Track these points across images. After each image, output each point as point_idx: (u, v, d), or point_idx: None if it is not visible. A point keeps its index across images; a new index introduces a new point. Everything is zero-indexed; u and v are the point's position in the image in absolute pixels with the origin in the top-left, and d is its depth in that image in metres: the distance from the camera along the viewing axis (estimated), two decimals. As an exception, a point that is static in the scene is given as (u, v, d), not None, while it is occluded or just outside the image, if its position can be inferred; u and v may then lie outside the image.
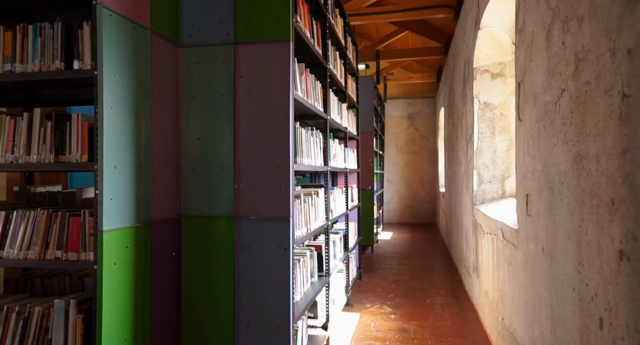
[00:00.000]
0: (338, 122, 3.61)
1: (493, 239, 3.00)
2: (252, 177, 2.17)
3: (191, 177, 2.22)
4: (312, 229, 2.65)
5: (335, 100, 3.56)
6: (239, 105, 2.19)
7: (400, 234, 8.74)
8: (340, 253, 3.84)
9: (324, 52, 3.10)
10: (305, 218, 2.53)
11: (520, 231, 2.23)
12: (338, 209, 3.68)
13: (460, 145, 5.04)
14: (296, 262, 2.52)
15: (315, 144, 2.79)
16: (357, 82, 5.09)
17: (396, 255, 6.57)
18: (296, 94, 2.26)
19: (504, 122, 3.77)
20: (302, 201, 2.45)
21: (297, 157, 2.33)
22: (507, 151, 3.75)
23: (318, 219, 2.86)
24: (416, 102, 10.59)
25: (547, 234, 1.75)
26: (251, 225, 2.16)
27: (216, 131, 2.21)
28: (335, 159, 3.53)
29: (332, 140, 3.45)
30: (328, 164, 3.11)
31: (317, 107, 2.86)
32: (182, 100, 2.23)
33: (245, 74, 2.18)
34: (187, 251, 2.21)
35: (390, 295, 4.35)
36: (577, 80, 1.43)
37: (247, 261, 2.16)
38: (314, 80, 2.82)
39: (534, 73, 1.96)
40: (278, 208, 2.13)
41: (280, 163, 2.14)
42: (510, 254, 2.45)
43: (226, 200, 2.19)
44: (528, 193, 2.07)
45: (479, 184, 3.89)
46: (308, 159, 2.56)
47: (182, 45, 2.23)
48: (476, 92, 3.90)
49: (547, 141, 1.77)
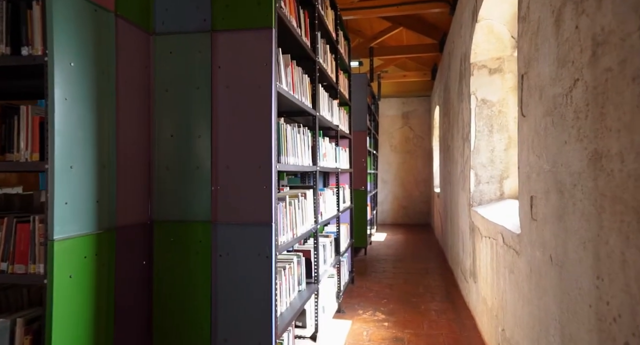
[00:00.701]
0: (328, 120, 3.43)
1: (492, 244, 2.82)
2: (230, 178, 1.97)
3: (164, 178, 2.02)
4: (298, 233, 2.46)
5: (325, 97, 3.37)
6: (216, 98, 1.99)
7: (395, 235, 8.57)
8: (331, 257, 3.65)
9: (312, 44, 2.91)
10: (290, 222, 2.34)
11: (523, 236, 2.05)
12: (328, 211, 3.49)
13: (456, 144, 4.87)
14: (281, 270, 2.33)
15: (302, 142, 2.60)
16: (350, 79, 4.91)
17: (390, 257, 6.39)
18: (280, 87, 2.07)
19: (502, 119, 3.60)
20: (287, 204, 2.26)
21: (282, 156, 2.14)
22: (506, 150, 3.58)
23: (306, 223, 2.67)
24: (411, 101, 10.43)
25: (557, 242, 1.57)
26: (230, 231, 1.96)
27: (191, 127, 2.01)
28: (326, 159, 3.34)
29: (322, 139, 3.26)
30: (317, 164, 2.92)
31: (305, 102, 2.67)
32: (154, 93, 2.03)
33: (224, 65, 1.98)
34: (160, 260, 2.01)
35: (383, 301, 4.17)
36: (595, 67, 1.25)
37: (225, 270, 1.96)
38: (302, 74, 2.63)
39: (540, 64, 1.78)
40: (259, 212, 1.94)
41: (261, 162, 1.94)
42: (512, 261, 2.27)
43: (202, 204, 1.99)
44: (533, 195, 1.89)
45: (476, 184, 3.72)
46: (294, 158, 2.37)
47: (154, 32, 2.03)
48: (473, 89, 3.73)
49: (556, 138, 1.59)
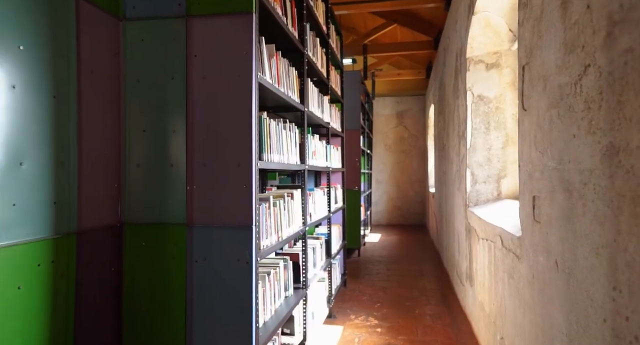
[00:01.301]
0: (318, 116, 3.27)
1: (490, 246, 2.68)
2: (207, 177, 1.81)
3: (135, 177, 1.86)
4: (284, 236, 2.30)
5: (315, 92, 3.21)
6: (192, 90, 1.82)
7: (389, 236, 8.42)
8: (322, 260, 3.50)
9: (300, 35, 2.75)
10: (275, 224, 2.17)
11: (524, 239, 1.90)
12: (319, 212, 3.33)
13: (452, 143, 4.73)
14: (265, 275, 2.17)
15: (289, 139, 2.44)
16: (342, 76, 4.75)
17: (384, 259, 6.24)
18: (262, 78, 1.91)
19: (499, 116, 3.46)
20: (270, 205, 2.10)
21: (264, 153, 1.98)
22: (504, 148, 3.44)
23: (293, 225, 2.51)
24: (405, 100, 10.30)
25: (564, 247, 1.42)
26: (207, 234, 1.80)
27: (165, 121, 1.84)
28: (315, 157, 3.18)
29: (312, 136, 3.10)
30: (306, 162, 2.76)
31: (292, 97, 2.51)
32: (125, 83, 1.86)
33: (200, 53, 1.82)
34: (131, 266, 1.84)
35: (376, 305, 4.02)
36: (611, 50, 1.10)
37: (202, 277, 1.80)
38: (288, 66, 2.47)
39: (544, 51, 1.63)
40: (238, 214, 1.78)
41: (241, 160, 1.78)
42: (512, 265, 2.12)
43: (177, 205, 1.82)
44: (535, 195, 1.74)
45: (473, 184, 3.57)
46: (279, 155, 2.21)
47: (124, 17, 1.87)
48: (469, 85, 3.58)
49: (563, 132, 1.44)
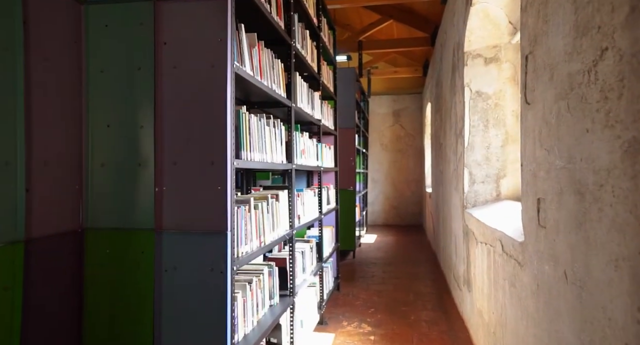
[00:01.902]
0: (308, 113, 3.10)
1: (489, 251, 2.51)
2: (178, 177, 1.64)
3: (99, 177, 1.68)
4: (267, 241, 2.13)
5: (304, 87, 3.04)
6: (162, 81, 1.65)
7: (385, 237, 8.26)
8: (312, 265, 3.32)
9: (287, 26, 2.58)
10: (257, 229, 2.00)
11: (527, 245, 1.74)
12: (308, 214, 3.16)
13: (449, 141, 4.57)
14: (246, 284, 2.00)
15: (273, 136, 2.26)
16: (335, 72, 4.58)
17: (380, 261, 6.07)
18: (240, 69, 1.73)
19: (499, 113, 3.29)
20: (251, 208, 1.93)
21: (243, 151, 1.81)
22: (503, 147, 3.28)
23: (278, 228, 2.33)
24: (402, 98, 10.13)
25: (574, 256, 1.26)
26: (177, 240, 1.63)
27: (132, 116, 1.67)
28: (305, 156, 3.01)
29: (300, 134, 2.93)
30: (293, 161, 2.59)
31: (277, 90, 2.33)
32: (87, 74, 1.68)
33: (170, 40, 1.65)
34: (93, 277, 1.66)
35: (370, 310, 3.85)
36: (636, 28, 0.93)
37: (171, 289, 1.62)
38: (272, 58, 2.30)
39: (551, 37, 1.46)
40: (212, 218, 1.60)
41: (215, 158, 1.61)
42: (513, 273, 1.96)
43: (145, 208, 1.65)
44: (540, 197, 1.57)
45: (471, 184, 3.41)
46: (261, 153, 2.03)
47: (86, 1, 1.69)
48: (467, 80, 3.42)
49: (573, 126, 1.27)
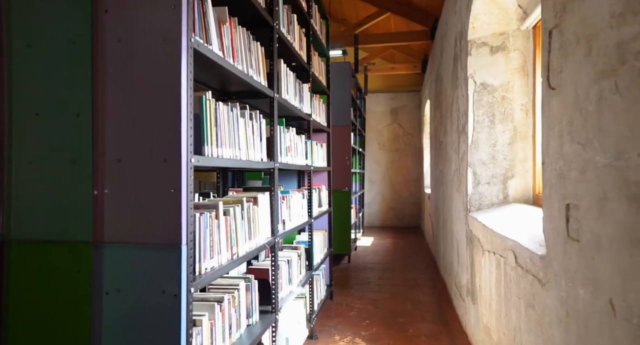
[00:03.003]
0: (295, 106, 2.78)
1: (499, 262, 2.20)
2: (123, 177, 1.32)
3: (25, 177, 1.37)
4: (242, 252, 1.81)
5: (291, 77, 2.72)
6: (102, 58, 1.34)
7: (383, 240, 7.95)
8: (301, 274, 3.01)
9: (268, 5, 2.26)
10: (228, 238, 1.69)
11: (551, 261, 1.43)
12: (296, 219, 2.85)
13: (450, 139, 4.26)
14: (214, 305, 1.69)
15: (250, 129, 1.95)
16: (328, 65, 4.27)
17: (376, 265, 5.77)
18: (201, 45, 1.42)
19: (506, 107, 2.99)
20: (219, 214, 1.61)
21: (207, 146, 1.49)
22: (511, 144, 2.97)
23: (257, 236, 2.02)
24: (400, 96, 9.83)
25: (626, 283, 0.95)
26: (121, 256, 1.31)
27: (65, 101, 1.35)
28: (291, 154, 2.70)
29: (286, 129, 2.62)
30: (275, 159, 2.28)
31: (255, 77, 2.02)
32: (9, 49, 1.37)
33: (113, 8, 1.33)
34: (15, 299, 1.35)
35: (365, 322, 3.54)
36: None
37: (113, 315, 1.31)
38: (249, 39, 1.99)
39: (588, 2, 1.16)
40: (164, 228, 1.29)
41: (168, 154, 1.30)
42: (532, 292, 1.65)
43: (81, 216, 1.34)
44: (571, 203, 1.27)
45: (475, 185, 3.10)
46: (232, 149, 1.72)
47: (9, -40, 1.37)
48: (471, 71, 3.11)
49: (625, 112, 0.96)
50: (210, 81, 2.05)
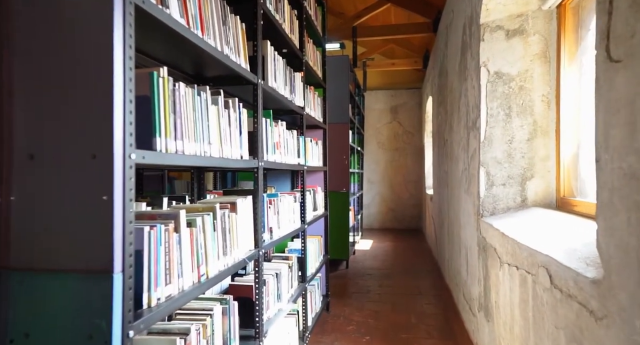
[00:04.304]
0: (285, 97, 2.43)
1: (524, 279, 1.86)
2: (36, 180, 0.97)
3: None
4: (213, 272, 1.46)
5: (280, 63, 2.37)
6: (6, 18, 0.98)
7: (382, 243, 7.60)
8: (292, 288, 2.66)
9: (251, -26, 1.91)
10: (194, 256, 1.34)
11: (614, 289, 1.08)
12: (286, 226, 2.49)
13: (456, 137, 3.92)
14: (175, 340, 1.33)
15: (225, 120, 1.60)
16: (324, 55, 3.92)
17: (376, 271, 5.42)
18: (150, 4, 1.07)
19: (524, 98, 2.64)
20: (179, 226, 1.26)
21: (158, 138, 1.14)
22: (530, 140, 2.63)
23: (235, 250, 1.67)
24: (400, 94, 9.48)
25: None
26: (33, 286, 0.96)
27: (-39, 77, 1.00)
28: (280, 151, 2.34)
29: (274, 123, 2.27)
30: (260, 157, 1.93)
31: (232, 57, 1.67)
32: None
33: (23, -51, 0.98)
34: None
35: (365, 339, 3.19)
36: None
37: (23, 369, 0.96)
38: (225, 11, 1.63)
39: None
40: (90, 249, 0.94)
41: (97, 148, 0.94)
42: (579, 324, 1.30)
43: (-18, 232, 0.98)
44: (652, 215, 0.92)
45: (488, 187, 2.76)
46: (197, 144, 1.36)
47: None
48: (484, 59, 2.76)
49: None
50: (179, 62, 1.70)
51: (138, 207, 1.58)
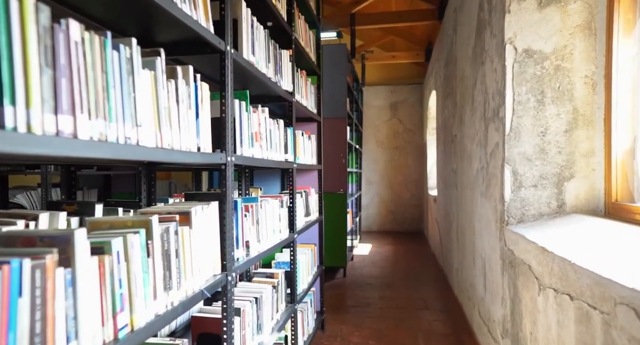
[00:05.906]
0: (267, 76, 1.95)
1: (587, 314, 1.37)
2: None
3: None
4: (144, 320, 0.97)
5: (261, 33, 1.89)
6: None
7: (382, 247, 7.12)
8: (278, 312, 2.16)
9: None
10: (101, 304, 0.85)
11: None
12: (270, 237, 2.00)
13: (469, 130, 3.44)
14: None
15: (172, 96, 1.11)
16: (319, 38, 3.44)
17: (376, 280, 4.94)
18: None
19: (561, 81, 2.17)
20: (72, 257, 0.77)
21: (6, 107, 0.65)
22: (569, 132, 2.15)
23: (186, 281, 1.18)
24: (400, 90, 9.00)
25: None
26: None
27: None
28: (260, 144, 1.85)
29: (252, 109, 1.78)
30: (228, 151, 1.44)
31: (187, 10, 1.18)
32: None
33: None
34: None
35: (366, 367, 2.71)
36: None
37: None
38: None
39: None
40: None
41: None
42: None
43: None
44: None
45: (515, 189, 2.28)
46: (105, 123, 0.87)
47: None
48: (510, 35, 2.29)
49: None
50: (122, 22, 1.22)
51: (53, 221, 1.08)
